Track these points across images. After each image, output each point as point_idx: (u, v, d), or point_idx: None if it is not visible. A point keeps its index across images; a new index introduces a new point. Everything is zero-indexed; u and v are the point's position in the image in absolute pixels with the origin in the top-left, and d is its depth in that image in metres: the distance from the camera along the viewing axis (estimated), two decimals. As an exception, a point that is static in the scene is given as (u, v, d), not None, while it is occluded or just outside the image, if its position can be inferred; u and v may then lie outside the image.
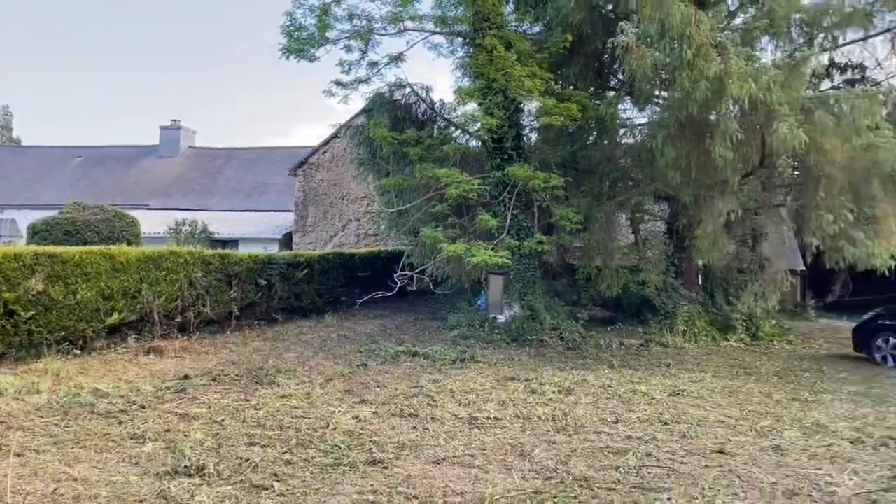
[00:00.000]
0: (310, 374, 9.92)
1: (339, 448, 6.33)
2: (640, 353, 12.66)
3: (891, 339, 11.91)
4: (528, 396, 8.65)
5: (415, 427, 7.12)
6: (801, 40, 13.90)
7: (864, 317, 13.03)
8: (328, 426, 7.06)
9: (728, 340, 14.16)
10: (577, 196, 14.46)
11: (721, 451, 6.44)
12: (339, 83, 14.93)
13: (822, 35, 14.14)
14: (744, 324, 14.73)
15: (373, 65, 14.92)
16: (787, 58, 11.84)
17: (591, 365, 11.13)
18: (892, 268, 11.89)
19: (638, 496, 5.20)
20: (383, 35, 14.70)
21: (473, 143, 15.99)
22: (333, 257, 17.44)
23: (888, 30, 15.59)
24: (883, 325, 12.21)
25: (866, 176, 10.93)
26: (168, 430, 6.80)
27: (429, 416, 7.55)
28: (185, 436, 6.57)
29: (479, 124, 13.70)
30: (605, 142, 15.01)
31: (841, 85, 16.52)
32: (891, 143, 10.42)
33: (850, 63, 17.01)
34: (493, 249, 12.34)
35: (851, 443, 6.90)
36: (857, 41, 15.52)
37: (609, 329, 14.94)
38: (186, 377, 9.38)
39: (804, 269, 21.29)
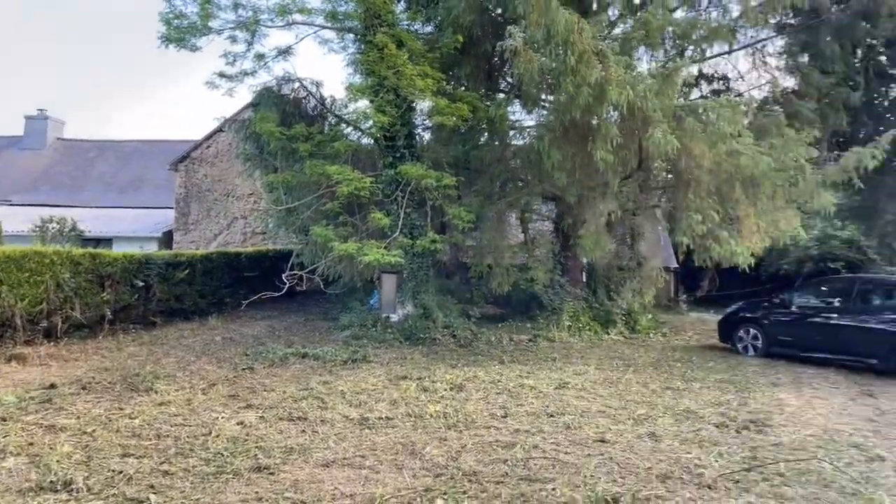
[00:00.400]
0: (191, 379, 9.44)
1: (223, 455, 6.06)
2: (529, 349, 13.04)
3: (751, 330, 12.97)
4: (420, 395, 8.67)
5: (304, 430, 6.94)
6: (674, 51, 14.86)
7: (728, 310, 14.13)
8: (210, 433, 6.75)
9: (609, 334, 14.89)
10: (469, 195, 14.69)
11: (602, 440, 6.75)
12: (223, 75, 14.35)
13: (692, 47, 15.18)
14: (623, 318, 15.55)
15: (259, 57, 14.45)
16: (661, 68, 12.62)
17: (482, 361, 11.33)
18: (752, 265, 12.97)
19: (525, 488, 5.34)
20: (271, 27, 14.27)
21: (366, 140, 15.84)
22: (218, 257, 16.71)
23: (749, 45, 17.03)
24: (744, 317, 13.28)
25: (730, 180, 11.83)
26: (32, 444, 6.24)
27: (318, 418, 7.39)
28: (51, 449, 6.06)
29: (371, 122, 13.60)
30: (496, 143, 15.33)
31: (708, 95, 17.82)
32: (751, 150, 11.33)
33: (716, 75, 18.40)
34: (385, 248, 12.28)
35: (717, 427, 7.44)
36: (723, 54, 16.82)
37: (500, 326, 15.29)
38: (53, 386, 8.65)
39: (677, 266, 22.80)
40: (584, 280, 17.25)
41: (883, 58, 19.11)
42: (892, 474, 5.89)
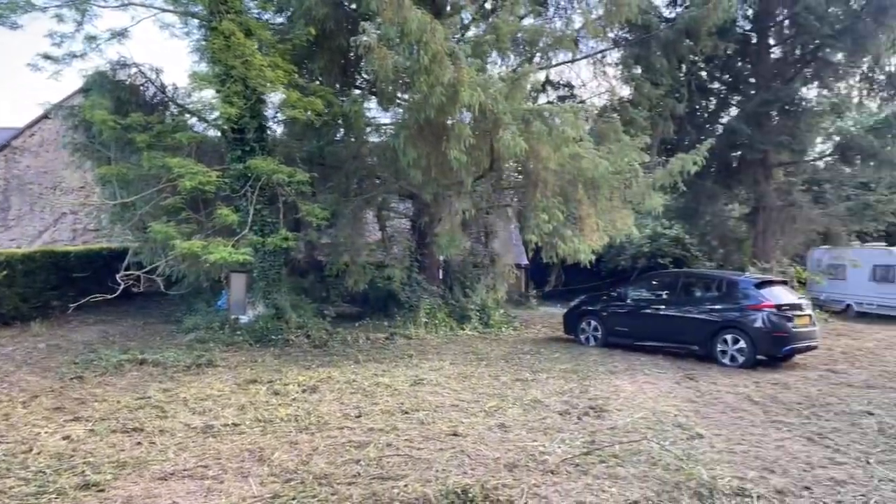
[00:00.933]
0: (9, 391, 8.44)
1: (45, 474, 5.47)
2: (386, 347, 13.02)
3: (592, 322, 13.87)
4: (270, 398, 8.35)
5: (139, 442, 6.42)
6: (523, 57, 15.52)
7: (571, 304, 15.02)
8: (31, 450, 6.07)
9: (464, 329, 15.27)
10: (324, 192, 14.38)
11: (455, 434, 6.87)
12: (48, 57, 12.95)
13: (539, 54, 15.95)
14: (478, 314, 16.01)
15: (91, 39, 13.18)
16: (512, 72, 13.13)
17: (337, 361, 11.14)
18: (594, 261, 13.88)
19: (377, 487, 5.29)
20: (104, 7, 13.08)
21: (212, 132, 15.02)
22: (42, 256, 15.07)
23: (590, 55, 18.20)
24: (586, 310, 14.17)
25: (573, 181, 12.55)
26: None
27: (157, 428, 6.88)
28: None
29: (217, 113, 12.88)
30: (352, 139, 15.14)
31: (554, 100, 18.86)
32: (591, 153, 12.09)
33: (562, 82, 19.53)
34: (233, 246, 11.70)
35: (561, 415, 7.85)
36: (567, 63, 17.84)
37: (357, 324, 15.14)
38: None
39: (527, 263, 23.85)
40: (441, 277, 17.55)
41: (703, 73, 21.26)
42: (708, 450, 6.52)
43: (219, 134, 14.19)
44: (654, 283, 13.92)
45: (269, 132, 13.91)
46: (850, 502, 5.19)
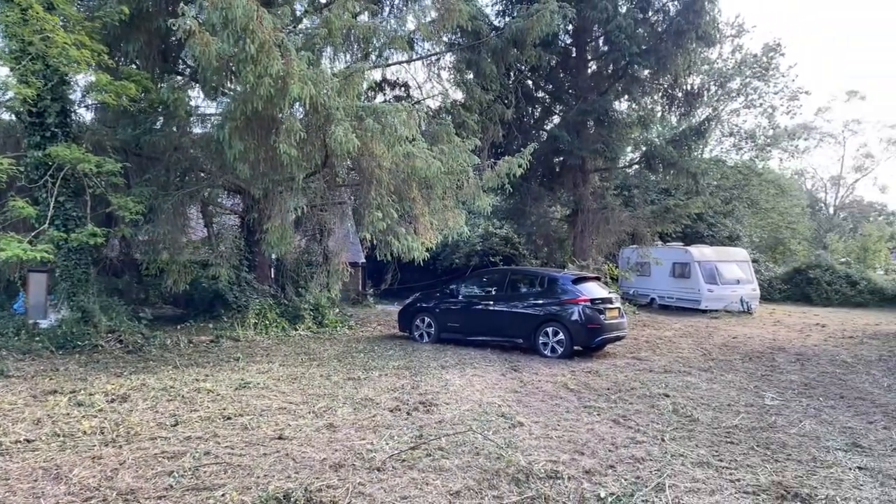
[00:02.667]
0: None
1: None
2: (210, 350, 12.32)
3: (425, 318, 14.14)
4: (72, 410, 7.53)
5: None
6: (359, 54, 15.42)
7: (406, 301, 15.20)
8: None
9: (297, 330, 14.87)
10: (140, 185, 13.28)
11: (280, 437, 6.63)
12: None
13: (375, 53, 15.95)
14: (311, 313, 15.68)
15: None
16: (346, 68, 12.97)
17: (153, 367, 10.33)
18: (429, 258, 14.14)
19: (191, 498, 4.96)
20: None
21: (6, 115, 13.29)
22: None
23: (425, 57, 18.55)
24: (419, 307, 14.41)
25: (407, 180, 12.67)
26: None
27: (-77, 454, 5.92)
28: None
29: (11, 93, 11.40)
30: (174, 129, 14.12)
31: (391, 99, 18.97)
32: (425, 153, 12.29)
33: (398, 81, 19.70)
34: (30, 242, 10.41)
35: (391, 411, 7.88)
36: (404, 63, 18.04)
37: (179, 327, 14.18)
38: None
39: (364, 261, 23.80)
40: (273, 276, 16.95)
41: (530, 82, 22.51)
42: (527, 437, 6.88)
43: (13, 117, 12.57)
44: (484, 280, 14.49)
45: (74, 117, 12.56)
46: (646, 477, 5.71)
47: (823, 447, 6.83)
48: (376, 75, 18.51)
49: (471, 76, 18.20)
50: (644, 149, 23.60)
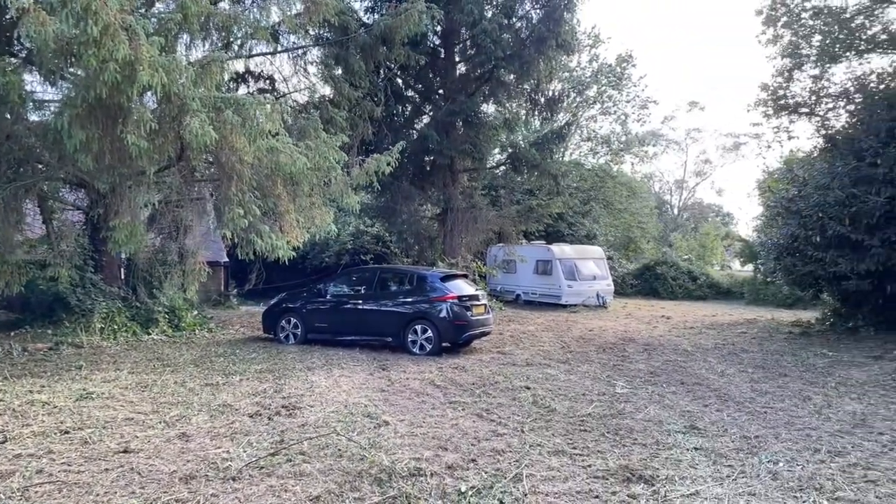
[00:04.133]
0: None
1: None
2: (49, 358, 11.22)
3: (292, 319, 13.74)
4: None
5: None
6: (220, 43, 14.67)
7: (271, 302, 14.69)
8: None
9: (150, 334, 13.92)
10: (-38, 177, 11.81)
11: (125, 451, 6.14)
12: None
13: (237, 43, 15.26)
14: (166, 316, 14.73)
15: None
16: (203, 57, 12.26)
17: (-23, 380, 9.23)
18: (299, 257, 13.74)
19: (14, 526, 4.46)
20: None
21: None
22: None
23: (291, 50, 18.02)
24: (285, 307, 13.98)
25: (272, 176, 12.21)
26: None
27: None
28: None
29: None
30: (7, 115, 12.65)
31: (255, 92, 18.24)
32: (290, 148, 11.90)
33: (263, 74, 18.98)
34: None
35: (251, 417, 7.56)
36: (268, 55, 17.41)
37: (12, 334, 12.83)
38: None
39: (227, 260, 22.74)
40: (123, 277, 15.74)
41: (400, 80, 22.54)
42: (392, 435, 6.86)
43: None
44: (353, 278, 14.33)
45: None
46: (506, 469, 5.87)
47: (665, 430, 7.38)
48: (239, 67, 17.74)
49: (339, 72, 17.92)
50: (510, 151, 24.41)
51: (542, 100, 23.22)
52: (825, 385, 10.07)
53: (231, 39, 14.89)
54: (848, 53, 17.35)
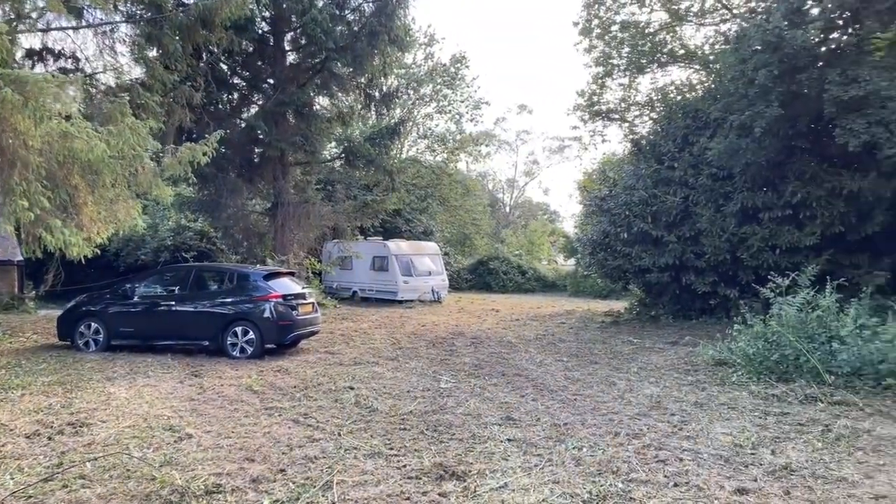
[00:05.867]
0: None
1: None
2: None
3: (92, 324, 12.34)
4: None
5: None
6: (13, 14, 12.88)
7: (68, 305, 13.13)
8: None
9: (-88, 347, 11.84)
10: None
11: None
12: None
13: (33, 14, 13.50)
14: (-65, 325, 12.62)
15: None
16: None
17: None
18: (110, 255, 12.33)
19: None
20: None
21: None
22: None
23: (97, 26, 16.26)
24: (86, 311, 12.54)
25: (65, 163, 10.85)
26: None
27: None
28: None
29: None
30: None
31: (55, 71, 16.22)
32: (87, 134, 10.63)
33: (64, 52, 16.96)
34: None
35: (28, 437, 6.60)
36: (68, 29, 15.58)
37: None
38: None
39: (21, 258, 20.13)
40: None
41: (224, 66, 21.24)
42: (194, 449, 6.28)
43: None
44: (166, 277, 13.21)
45: None
46: (316, 477, 5.59)
47: (483, 423, 7.49)
48: (35, 42, 15.75)
49: (153, 53, 16.43)
50: (345, 145, 23.99)
51: (377, 95, 23.03)
52: (628, 371, 10.89)
53: (23, 11, 13.13)
54: (652, 65, 19.02)
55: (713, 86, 17.12)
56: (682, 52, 18.75)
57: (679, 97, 18.66)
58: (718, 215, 15.69)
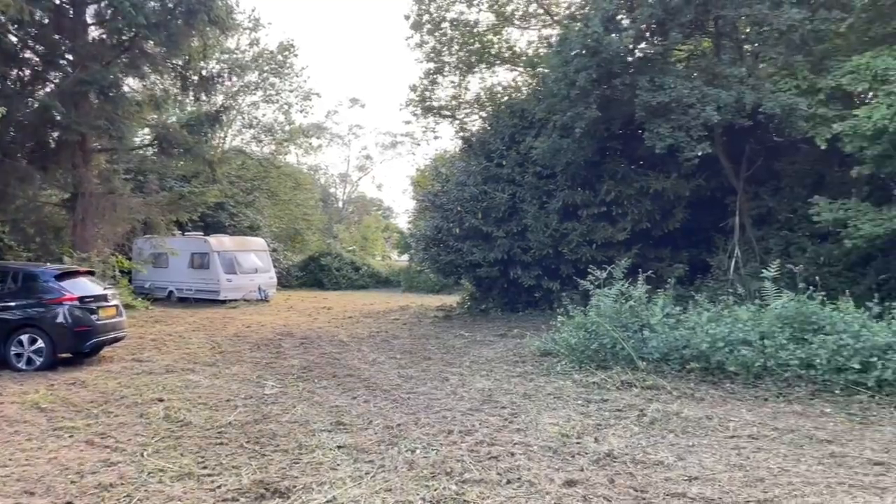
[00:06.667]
0: None
1: None
2: None
3: None
4: None
5: None
6: None
7: None
8: None
9: None
10: None
11: None
12: None
13: None
14: None
15: None
16: None
17: None
18: None
19: None
20: None
21: None
22: None
23: None
24: None
25: None
26: None
27: None
28: None
29: None
30: None
31: None
32: None
33: None
34: None
35: None
36: None
37: None
38: None
39: None
40: None
41: (13, 38, 18.44)
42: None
43: None
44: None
45: None
46: (110, 508, 4.79)
47: (310, 431, 7.00)
48: None
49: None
50: (159, 131, 21.88)
51: (196, 78, 21.23)
52: (461, 365, 10.92)
53: None
54: (481, 65, 19.47)
55: (538, 87, 17.90)
56: (508, 53, 19.39)
57: (506, 97, 19.30)
58: (542, 212, 16.40)
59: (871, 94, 11.65)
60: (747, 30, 13.08)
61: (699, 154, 12.80)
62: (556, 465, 5.84)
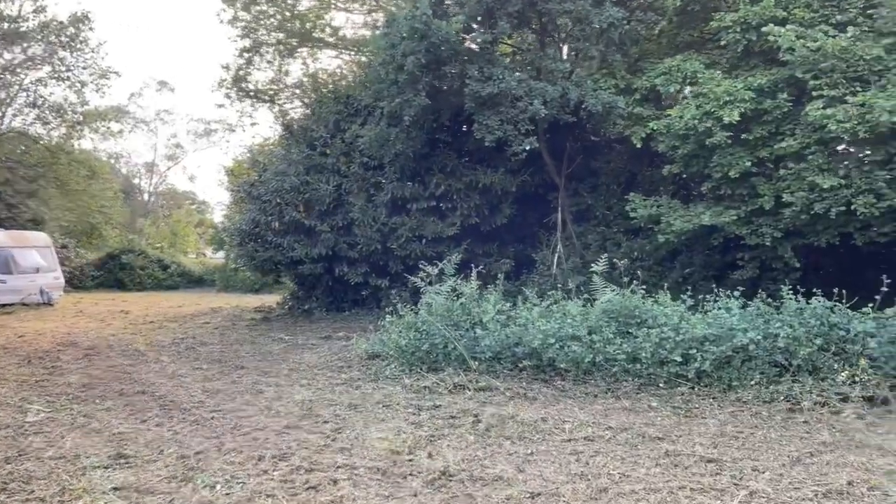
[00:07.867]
0: None
1: None
2: None
3: None
4: None
5: None
6: None
7: None
8: None
9: None
10: None
11: None
12: None
13: None
14: None
15: None
16: None
17: None
18: None
19: None
20: None
21: None
22: None
23: None
24: None
25: None
26: None
27: None
28: None
29: None
30: None
31: None
32: None
33: None
34: None
35: None
36: None
37: None
38: None
39: None
40: None
41: None
42: None
43: None
44: None
45: None
46: None
47: (79, 469, 5.55)
48: None
49: None
50: None
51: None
52: (278, 374, 9.73)
53: None
54: (303, 49, 18.17)
55: (365, 73, 17.02)
56: (332, 39, 18.30)
57: (331, 84, 18.18)
58: (370, 205, 15.57)
59: (681, 95, 12.29)
60: (570, 26, 13.24)
61: (527, 148, 12.73)
62: (385, 491, 5.02)
